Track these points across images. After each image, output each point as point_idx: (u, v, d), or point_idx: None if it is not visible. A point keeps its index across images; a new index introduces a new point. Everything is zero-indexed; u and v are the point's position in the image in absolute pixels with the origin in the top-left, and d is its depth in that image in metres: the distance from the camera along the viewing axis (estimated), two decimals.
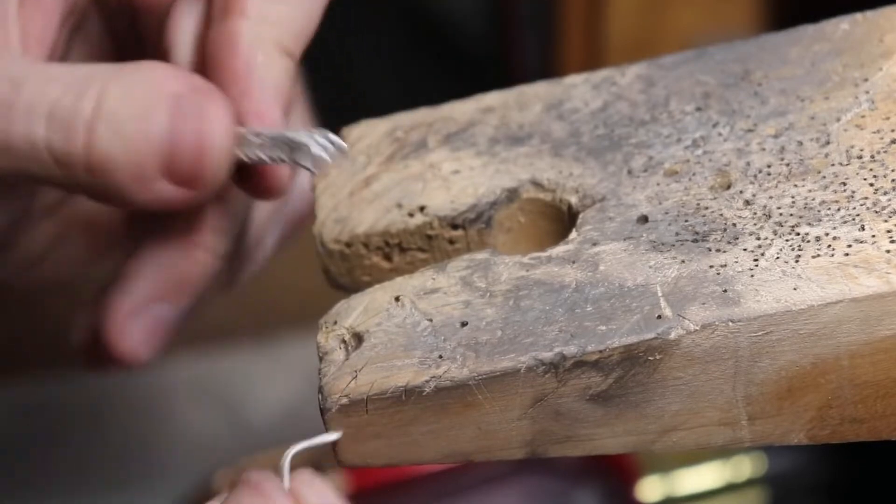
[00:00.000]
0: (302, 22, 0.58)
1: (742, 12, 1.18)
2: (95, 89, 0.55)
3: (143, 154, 0.56)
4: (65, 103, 0.55)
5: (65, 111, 0.55)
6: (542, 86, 0.63)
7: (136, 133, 0.55)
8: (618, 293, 0.54)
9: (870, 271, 0.52)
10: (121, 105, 0.55)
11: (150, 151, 0.56)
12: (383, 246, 0.60)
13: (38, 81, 0.56)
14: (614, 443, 0.54)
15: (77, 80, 0.56)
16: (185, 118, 0.55)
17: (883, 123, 0.57)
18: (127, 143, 0.55)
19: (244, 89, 0.57)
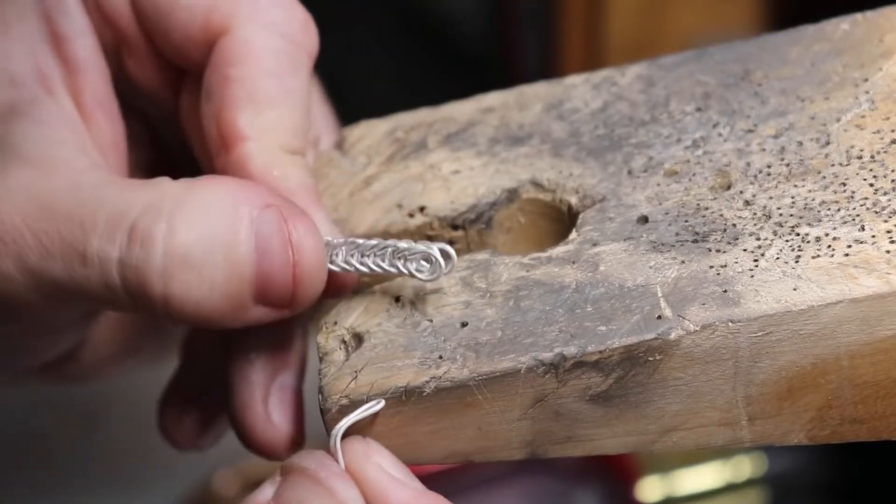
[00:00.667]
0: (296, 118, 0.58)
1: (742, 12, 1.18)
2: (165, 215, 0.53)
3: (231, 292, 0.54)
4: (142, 227, 0.53)
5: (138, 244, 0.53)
6: (543, 86, 0.63)
7: (219, 271, 0.53)
8: (618, 293, 0.54)
9: (870, 271, 0.52)
10: (196, 238, 0.53)
11: (239, 287, 0.54)
12: None
13: (112, 199, 0.54)
14: (614, 443, 0.54)
15: (149, 204, 0.54)
16: (271, 242, 0.54)
17: (883, 123, 0.57)
18: (211, 284, 0.54)
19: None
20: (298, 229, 0.54)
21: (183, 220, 0.53)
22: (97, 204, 0.54)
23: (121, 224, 0.54)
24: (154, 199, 0.54)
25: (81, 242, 0.54)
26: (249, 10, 0.57)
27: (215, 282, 0.53)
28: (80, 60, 0.59)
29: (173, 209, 0.53)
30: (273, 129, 0.57)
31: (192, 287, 0.53)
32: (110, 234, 0.54)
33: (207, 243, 0.53)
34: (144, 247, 0.53)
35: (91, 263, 0.54)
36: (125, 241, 0.53)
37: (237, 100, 0.56)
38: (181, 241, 0.53)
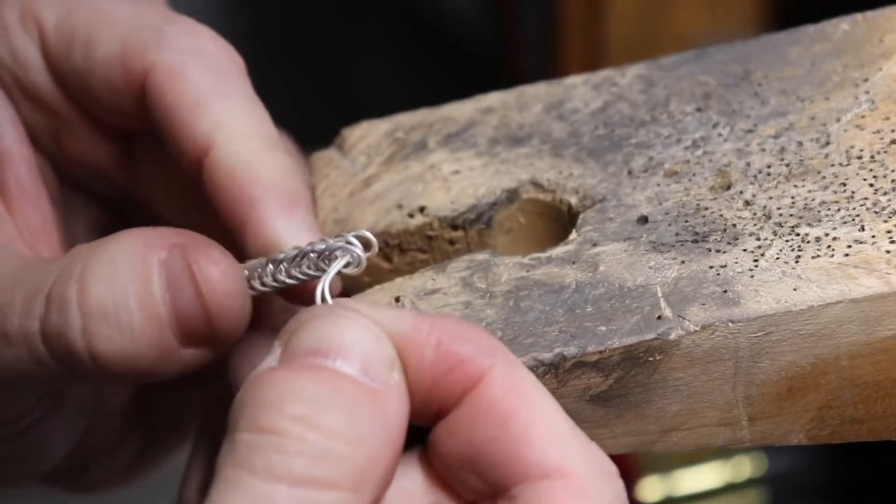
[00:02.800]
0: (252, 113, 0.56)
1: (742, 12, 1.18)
2: (75, 277, 0.53)
3: (153, 336, 0.53)
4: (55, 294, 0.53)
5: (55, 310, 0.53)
6: (543, 86, 0.63)
7: (135, 317, 0.53)
8: (618, 294, 0.54)
9: (870, 272, 0.52)
10: (107, 290, 0.53)
11: (159, 330, 0.53)
12: (383, 246, 0.60)
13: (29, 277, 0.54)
14: (614, 443, 0.54)
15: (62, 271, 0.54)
16: (179, 283, 0.53)
17: (883, 124, 0.57)
18: (131, 331, 0.53)
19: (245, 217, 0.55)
20: (200, 263, 0.53)
21: (92, 277, 0.53)
22: (14, 286, 0.54)
23: (37, 296, 0.54)
24: (66, 265, 0.54)
25: (2, 324, 0.54)
26: (159, 41, 0.57)
27: (134, 328, 0.53)
28: (3, 150, 0.58)
29: (83, 269, 0.53)
30: (234, 130, 0.55)
31: (114, 338, 0.53)
32: (29, 309, 0.54)
33: (119, 292, 0.53)
34: (61, 311, 0.53)
35: (16, 341, 0.54)
36: (42, 311, 0.54)
37: (188, 122, 0.56)
38: (93, 297, 0.53)
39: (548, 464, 0.47)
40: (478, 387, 0.48)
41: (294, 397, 0.45)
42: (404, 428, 0.48)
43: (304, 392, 0.46)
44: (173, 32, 0.57)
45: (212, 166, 0.55)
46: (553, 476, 0.47)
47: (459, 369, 0.48)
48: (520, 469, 0.47)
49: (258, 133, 0.56)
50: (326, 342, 0.47)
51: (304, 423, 0.45)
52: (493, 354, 0.48)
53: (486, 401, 0.48)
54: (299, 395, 0.46)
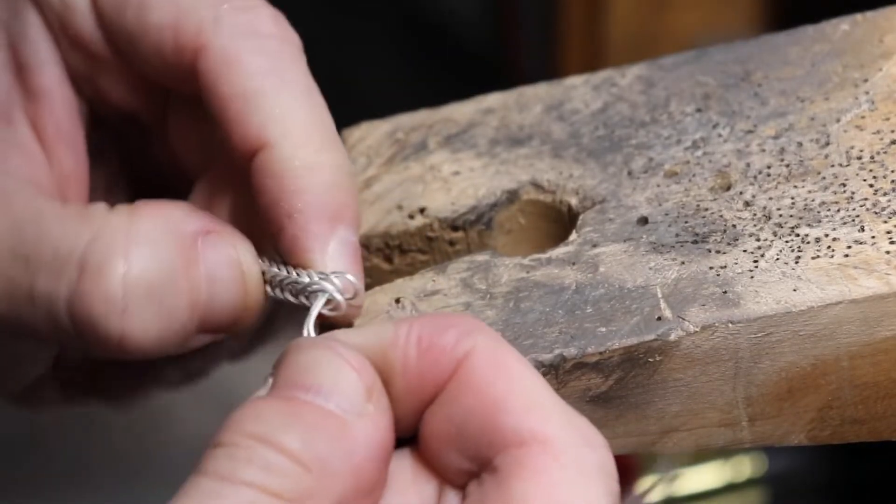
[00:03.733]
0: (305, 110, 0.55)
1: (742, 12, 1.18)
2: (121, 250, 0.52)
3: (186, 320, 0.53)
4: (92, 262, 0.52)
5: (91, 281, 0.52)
6: (543, 87, 0.63)
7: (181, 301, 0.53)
8: (618, 295, 0.54)
9: (869, 272, 0.52)
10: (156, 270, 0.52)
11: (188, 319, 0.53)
12: (384, 247, 0.60)
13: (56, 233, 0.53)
14: (615, 444, 0.54)
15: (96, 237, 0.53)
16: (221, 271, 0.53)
17: (883, 124, 0.57)
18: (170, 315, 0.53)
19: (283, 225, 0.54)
20: (247, 256, 0.54)
21: (138, 253, 0.52)
22: (40, 239, 0.53)
23: (68, 261, 0.53)
24: (99, 231, 0.53)
25: (28, 281, 0.53)
26: (215, 20, 0.55)
27: (173, 313, 0.53)
28: (42, 91, 0.57)
29: (127, 241, 0.53)
30: (285, 130, 0.54)
31: (152, 321, 0.53)
32: (58, 272, 0.53)
33: (167, 275, 0.53)
34: (100, 282, 0.52)
35: (39, 303, 0.53)
36: (75, 277, 0.53)
37: (241, 115, 0.54)
38: (142, 275, 0.52)
39: (524, 430, 0.47)
40: (461, 366, 0.48)
41: (254, 418, 0.47)
42: (378, 455, 0.48)
43: (265, 414, 0.47)
44: (229, 10, 0.55)
45: (261, 167, 0.54)
46: (530, 442, 0.46)
47: (444, 357, 0.48)
48: (498, 438, 0.47)
49: (313, 130, 0.55)
50: (300, 375, 0.48)
51: (257, 439, 0.46)
52: (473, 334, 0.48)
53: (467, 375, 0.48)
54: (259, 417, 0.47)
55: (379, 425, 0.48)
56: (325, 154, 0.54)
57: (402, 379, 0.49)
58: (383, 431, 0.48)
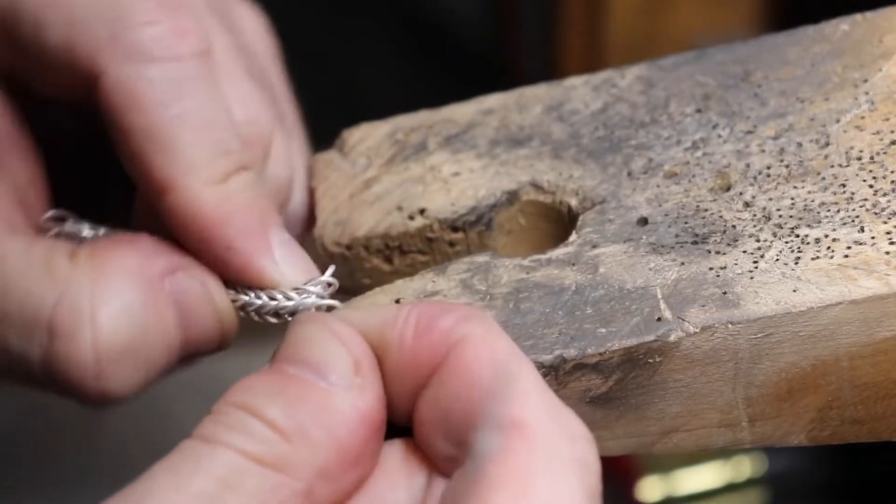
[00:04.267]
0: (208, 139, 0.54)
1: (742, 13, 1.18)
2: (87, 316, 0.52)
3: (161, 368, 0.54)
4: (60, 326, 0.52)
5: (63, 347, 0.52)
6: (543, 87, 0.63)
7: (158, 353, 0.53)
8: (618, 295, 0.54)
9: (869, 273, 0.52)
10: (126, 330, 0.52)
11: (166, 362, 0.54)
12: (384, 248, 0.60)
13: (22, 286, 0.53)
14: (615, 445, 0.54)
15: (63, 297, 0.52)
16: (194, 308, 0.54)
17: (882, 124, 0.57)
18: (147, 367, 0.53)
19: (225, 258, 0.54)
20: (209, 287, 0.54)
21: (107, 317, 0.52)
22: (6, 293, 0.53)
23: (36, 324, 0.53)
24: (63, 292, 0.53)
25: (1, 338, 0.53)
26: (110, 42, 0.53)
27: (150, 363, 0.53)
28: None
29: (93, 305, 0.52)
30: (189, 166, 0.54)
31: (129, 375, 0.53)
32: (28, 333, 0.53)
33: (137, 329, 0.53)
34: (70, 348, 0.52)
35: (14, 357, 0.53)
36: (45, 342, 0.53)
37: (141, 153, 0.54)
38: (111, 339, 0.52)
39: (504, 415, 0.47)
40: (451, 351, 0.49)
41: (243, 389, 0.48)
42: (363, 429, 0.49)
43: (254, 386, 0.48)
44: (124, 28, 0.54)
45: (175, 210, 0.54)
46: (508, 427, 0.47)
47: (439, 341, 0.49)
48: (479, 422, 0.47)
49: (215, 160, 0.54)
50: (292, 350, 0.49)
51: (241, 407, 0.48)
52: (471, 321, 0.49)
53: (455, 360, 0.48)
54: (248, 388, 0.48)
55: (366, 398, 0.49)
56: (230, 182, 0.54)
57: (397, 357, 0.49)
58: (371, 405, 0.49)
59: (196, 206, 0.54)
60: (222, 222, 0.54)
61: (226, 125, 0.55)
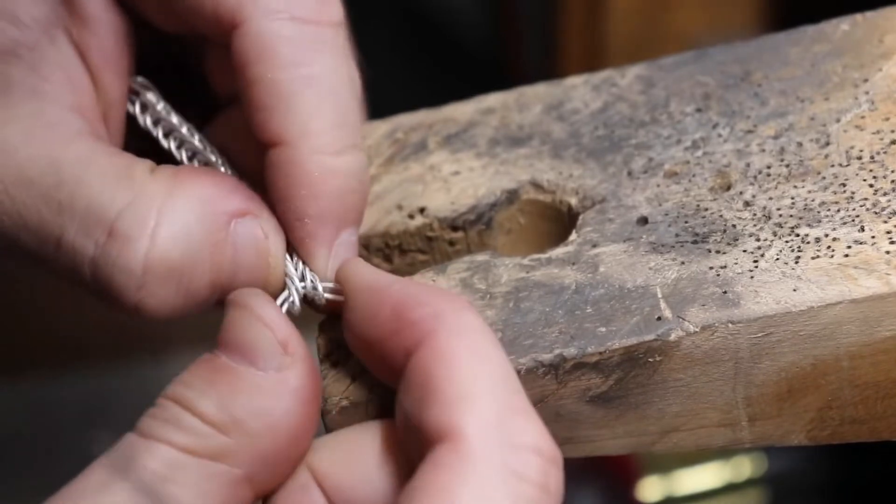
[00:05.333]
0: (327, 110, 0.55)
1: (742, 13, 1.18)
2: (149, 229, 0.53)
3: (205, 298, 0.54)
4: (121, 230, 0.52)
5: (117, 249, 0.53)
6: (542, 87, 0.63)
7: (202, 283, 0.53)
8: (618, 295, 0.54)
9: (869, 272, 0.52)
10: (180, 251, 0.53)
11: (209, 295, 0.54)
12: (384, 247, 0.60)
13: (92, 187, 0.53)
14: (615, 444, 0.54)
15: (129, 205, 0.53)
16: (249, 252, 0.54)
17: (883, 124, 0.57)
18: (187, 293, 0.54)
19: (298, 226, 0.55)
20: (276, 242, 0.54)
21: (166, 233, 0.53)
22: (76, 188, 0.53)
23: (99, 221, 0.53)
24: (135, 199, 0.53)
25: (59, 228, 0.54)
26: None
27: (192, 292, 0.54)
28: (89, 16, 0.57)
29: (158, 220, 0.53)
30: (307, 128, 0.54)
31: (169, 297, 0.53)
32: (88, 229, 0.53)
33: (190, 258, 0.53)
34: (123, 253, 0.53)
35: (65, 251, 0.54)
36: (102, 240, 0.53)
37: (264, 104, 0.54)
38: (163, 256, 0.53)
39: (442, 426, 0.47)
40: (416, 351, 0.49)
41: (179, 382, 0.50)
42: (299, 405, 0.50)
43: (189, 379, 0.50)
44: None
45: (276, 163, 0.54)
46: (444, 438, 0.46)
47: (405, 331, 0.49)
48: (425, 432, 0.47)
49: (333, 132, 0.55)
50: (223, 335, 0.51)
51: (175, 400, 0.49)
52: (438, 319, 0.49)
53: (416, 365, 0.48)
54: (184, 382, 0.50)
55: (298, 374, 0.50)
56: (341, 158, 0.55)
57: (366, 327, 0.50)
58: (302, 380, 0.50)
59: (299, 168, 0.54)
60: (312, 195, 0.54)
61: (349, 98, 0.56)
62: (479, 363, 0.48)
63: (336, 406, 0.53)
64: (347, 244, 0.55)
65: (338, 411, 0.53)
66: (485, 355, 0.48)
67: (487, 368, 0.48)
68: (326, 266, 0.55)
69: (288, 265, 0.55)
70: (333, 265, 0.55)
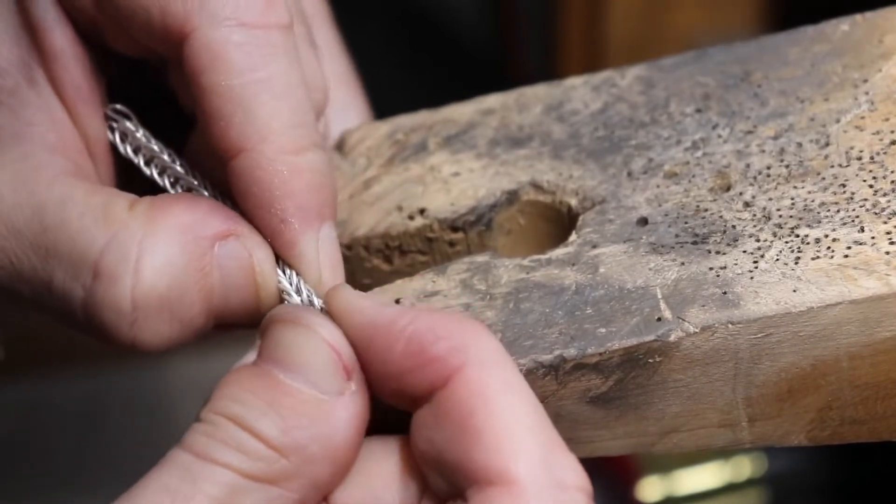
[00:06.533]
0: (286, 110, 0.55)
1: (742, 13, 1.18)
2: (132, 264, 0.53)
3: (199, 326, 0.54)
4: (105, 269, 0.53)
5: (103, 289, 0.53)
6: (542, 87, 0.63)
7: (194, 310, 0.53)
8: (618, 295, 0.54)
9: (869, 273, 0.52)
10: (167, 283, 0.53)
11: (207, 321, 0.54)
12: (384, 248, 0.60)
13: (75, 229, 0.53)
14: (615, 444, 0.54)
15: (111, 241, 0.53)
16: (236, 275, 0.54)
17: (882, 125, 0.57)
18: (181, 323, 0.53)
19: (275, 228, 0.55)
20: (262, 262, 0.54)
21: (150, 266, 0.53)
22: (59, 233, 0.54)
23: (84, 263, 0.53)
24: (115, 236, 0.53)
25: (48, 274, 0.54)
26: (202, 4, 0.55)
27: (185, 322, 0.53)
28: (57, 50, 0.57)
29: (139, 254, 0.53)
30: (267, 131, 0.54)
31: (163, 329, 0.53)
32: (74, 272, 0.53)
33: (177, 289, 0.53)
34: (110, 291, 0.53)
35: (56, 296, 0.54)
36: (89, 282, 0.53)
37: (221, 113, 0.54)
38: (150, 290, 0.53)
39: (492, 469, 0.47)
40: (446, 386, 0.48)
41: (233, 398, 0.49)
42: (356, 435, 0.49)
43: (244, 396, 0.49)
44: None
45: (242, 171, 0.54)
46: (496, 482, 0.47)
47: (429, 367, 0.49)
48: (470, 473, 0.47)
49: (292, 132, 0.55)
50: (281, 352, 0.50)
51: (233, 419, 0.48)
52: (464, 352, 0.48)
53: (449, 401, 0.48)
54: (238, 399, 0.49)
55: (357, 404, 0.49)
56: (304, 156, 0.55)
57: (380, 366, 0.50)
58: (361, 409, 0.49)
59: (266, 171, 0.54)
60: (287, 194, 0.54)
61: (304, 98, 0.55)
62: (516, 398, 0.48)
63: None
64: (329, 239, 0.55)
65: None
66: (518, 388, 0.48)
67: (525, 403, 0.48)
68: (320, 262, 0.55)
69: (282, 280, 0.54)
70: (326, 262, 0.55)
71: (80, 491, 1.09)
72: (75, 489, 1.09)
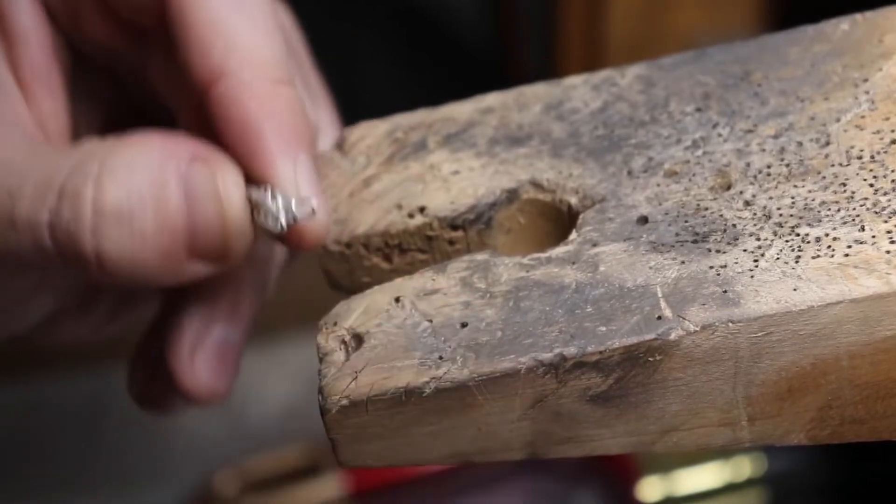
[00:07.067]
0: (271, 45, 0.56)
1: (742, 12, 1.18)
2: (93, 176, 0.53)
3: (163, 245, 0.54)
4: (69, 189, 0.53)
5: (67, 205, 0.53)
6: (542, 86, 0.63)
7: (149, 224, 0.54)
8: (618, 294, 0.54)
9: (870, 272, 0.52)
10: (125, 194, 0.53)
11: (171, 240, 0.54)
12: (383, 247, 0.60)
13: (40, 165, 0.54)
14: (615, 443, 0.54)
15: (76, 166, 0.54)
16: (200, 194, 0.54)
17: (883, 124, 0.57)
18: (142, 237, 0.54)
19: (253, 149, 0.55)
20: (226, 181, 0.55)
21: (110, 178, 0.53)
22: (25, 172, 0.54)
23: (49, 187, 0.54)
24: (80, 160, 0.54)
25: (9, 208, 0.54)
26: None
27: (146, 235, 0.54)
28: (17, 32, 0.58)
29: (101, 168, 0.54)
30: (249, 60, 0.56)
31: (124, 242, 0.54)
32: (39, 198, 0.54)
33: (136, 198, 0.53)
34: (73, 207, 0.53)
35: (21, 227, 0.54)
36: (54, 204, 0.54)
37: (204, 41, 0.56)
38: (110, 199, 0.53)
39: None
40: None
41: None
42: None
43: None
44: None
45: (224, 95, 0.55)
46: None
47: None
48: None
49: (272, 62, 0.56)
50: None
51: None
52: None
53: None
54: None
55: None
56: (282, 87, 0.56)
57: None
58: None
59: (247, 95, 0.55)
60: (265, 115, 0.55)
61: (283, 44, 0.57)
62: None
63: (336, 405, 0.53)
64: (307, 165, 0.56)
65: (337, 410, 0.53)
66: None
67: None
68: (298, 182, 0.55)
69: (253, 194, 0.55)
70: (304, 184, 0.55)
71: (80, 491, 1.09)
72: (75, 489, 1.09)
